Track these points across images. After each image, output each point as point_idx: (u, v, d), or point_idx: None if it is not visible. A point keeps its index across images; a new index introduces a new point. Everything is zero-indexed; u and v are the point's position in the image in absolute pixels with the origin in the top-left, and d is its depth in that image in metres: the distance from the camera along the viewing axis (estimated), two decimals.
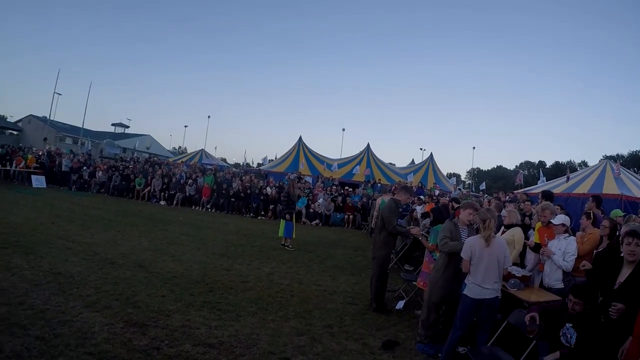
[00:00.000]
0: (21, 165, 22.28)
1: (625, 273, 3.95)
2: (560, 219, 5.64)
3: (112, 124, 74.55)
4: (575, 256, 5.29)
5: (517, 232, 6.38)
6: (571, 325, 3.66)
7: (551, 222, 5.71)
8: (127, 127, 72.53)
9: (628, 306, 3.58)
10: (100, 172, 22.56)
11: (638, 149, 71.64)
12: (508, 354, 4.21)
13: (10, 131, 56.98)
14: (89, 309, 5.19)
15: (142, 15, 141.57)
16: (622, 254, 4.11)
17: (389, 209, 6.69)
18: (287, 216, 11.58)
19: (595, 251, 5.55)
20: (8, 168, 22.62)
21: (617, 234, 5.49)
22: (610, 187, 16.82)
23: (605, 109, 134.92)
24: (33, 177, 21.30)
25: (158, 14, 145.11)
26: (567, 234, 5.50)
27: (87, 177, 22.58)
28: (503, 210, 8.42)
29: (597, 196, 8.40)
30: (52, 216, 12.09)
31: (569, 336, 3.65)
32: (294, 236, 11.62)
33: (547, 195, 8.36)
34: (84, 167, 23.16)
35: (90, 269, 6.99)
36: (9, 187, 19.52)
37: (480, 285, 4.58)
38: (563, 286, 5.29)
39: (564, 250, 5.33)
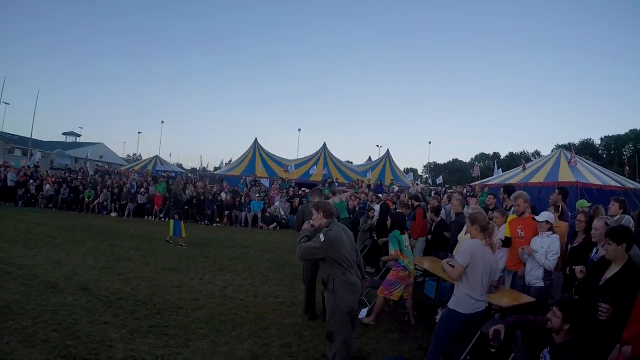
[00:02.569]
0: None
1: (614, 269, 3.77)
2: (545, 215, 5.56)
3: (63, 133, 72.11)
4: (558, 255, 5.26)
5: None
6: (548, 350, 3.37)
7: (535, 219, 5.62)
8: (79, 135, 70.19)
9: (615, 305, 3.44)
10: (48, 185, 21.65)
11: (588, 137, 74.44)
12: None
13: None
14: (25, 343, 4.85)
15: (88, 20, 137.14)
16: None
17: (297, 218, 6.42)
18: (176, 216, 12.21)
19: (570, 245, 5.49)
20: None
21: None
22: (565, 175, 17.47)
23: (555, 98, 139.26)
24: None
25: (104, 18, 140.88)
26: (550, 232, 5.43)
27: (34, 191, 21.63)
28: (466, 207, 8.48)
29: (563, 188, 8.31)
30: None
31: None
32: (183, 235, 12.13)
33: (509, 188, 8.13)
34: (31, 181, 22.15)
35: (30, 295, 6.60)
36: None
37: (474, 297, 4.08)
38: (543, 284, 5.29)
39: (546, 248, 5.27)
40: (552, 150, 24.27)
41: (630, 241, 3.76)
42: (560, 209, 6.60)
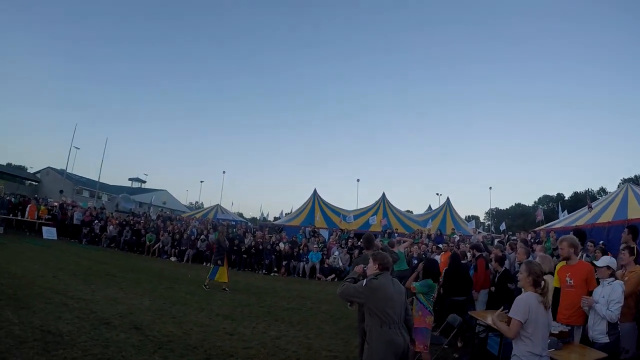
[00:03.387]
0: (32, 215, 22.11)
1: None
2: (605, 260, 4.94)
3: (129, 179, 75.62)
4: (621, 304, 4.57)
5: (549, 279, 5.56)
6: None
7: (594, 264, 5.03)
8: (144, 182, 73.43)
9: None
10: (112, 226, 22.30)
11: None
12: None
13: (29, 182, 57.96)
14: None
15: (152, 72, 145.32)
16: None
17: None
18: (219, 262, 12.47)
19: None
20: (19, 218, 22.38)
21: None
22: (635, 212, 16.05)
23: (618, 129, 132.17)
24: (44, 228, 21.22)
25: (168, 72, 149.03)
26: (612, 278, 4.79)
27: (98, 231, 22.33)
28: (531, 255, 7.79)
29: (634, 226, 7.45)
30: (55, 269, 11.77)
31: None
32: (226, 279, 12.25)
33: (579, 234, 7.51)
34: (96, 221, 22.94)
35: (83, 328, 6.51)
36: (20, 237, 19.54)
37: (536, 353, 3.74)
38: (609, 340, 4.61)
39: (607, 297, 4.62)
40: (618, 186, 22.72)
41: None
42: (635, 251, 5.82)
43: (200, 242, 20.08)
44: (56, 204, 26.05)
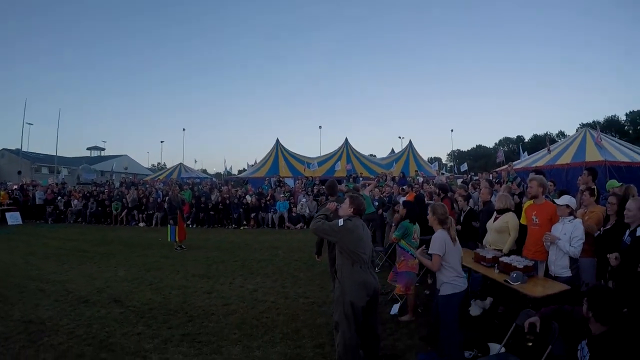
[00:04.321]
0: None
1: None
2: (565, 199, 5.11)
3: (88, 148, 73.61)
4: (583, 240, 4.85)
5: (511, 217, 6.04)
6: (586, 342, 3.16)
7: (555, 202, 5.25)
8: (103, 149, 71.70)
9: None
10: (76, 201, 21.97)
11: (613, 114, 72.40)
12: None
13: None
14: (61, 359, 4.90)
15: (104, 34, 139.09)
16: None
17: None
18: (171, 221, 12.73)
19: (602, 228, 5.21)
20: None
21: None
22: (592, 155, 17.11)
23: (576, 76, 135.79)
24: (7, 214, 20.70)
25: (117, 30, 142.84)
26: (572, 217, 5.04)
27: (62, 208, 22.02)
28: (494, 194, 8.11)
29: (592, 168, 7.73)
30: (27, 254, 11.74)
31: (582, 354, 3.17)
32: (177, 239, 12.62)
33: (538, 173, 7.81)
34: (59, 197, 22.56)
35: (63, 311, 6.66)
36: None
37: (461, 275, 4.54)
38: (571, 274, 4.94)
39: (570, 234, 4.88)
40: (576, 130, 23.66)
41: None
42: (596, 192, 6.18)
43: (166, 204, 19.99)
44: (16, 186, 25.31)
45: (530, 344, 3.41)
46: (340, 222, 4.34)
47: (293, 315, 6.43)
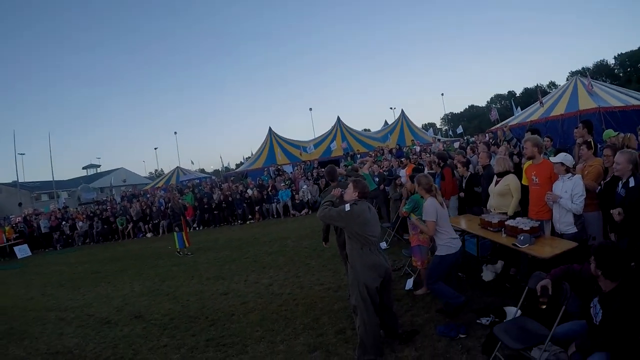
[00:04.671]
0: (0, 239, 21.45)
1: None
2: (560, 157, 5.08)
3: (83, 167, 73.36)
4: (584, 196, 4.84)
5: (512, 179, 6.01)
6: (598, 299, 3.23)
7: (551, 160, 5.23)
8: (99, 165, 71.41)
9: None
10: (81, 222, 22.04)
11: (602, 58, 71.83)
12: (539, 324, 3.70)
13: None
14: None
15: (81, 45, 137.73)
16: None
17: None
18: (177, 228, 12.76)
19: (603, 182, 5.13)
20: None
21: None
22: (585, 103, 17.01)
23: (560, 23, 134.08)
24: (15, 248, 20.64)
25: (94, 46, 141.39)
26: (569, 174, 5.01)
27: (68, 232, 22.01)
28: (492, 157, 8.03)
29: (587, 120, 7.47)
30: (41, 286, 11.72)
31: (595, 312, 3.23)
32: (186, 244, 12.77)
33: (533, 131, 7.73)
34: (63, 222, 22.59)
35: (87, 336, 6.75)
36: None
37: (454, 237, 5.09)
38: (576, 230, 4.94)
39: (570, 191, 4.87)
40: (567, 79, 23.61)
41: None
42: (593, 145, 6.09)
43: (169, 212, 20.08)
44: (19, 219, 25.33)
45: (544, 306, 3.45)
46: (347, 207, 4.41)
47: (311, 304, 6.48)
